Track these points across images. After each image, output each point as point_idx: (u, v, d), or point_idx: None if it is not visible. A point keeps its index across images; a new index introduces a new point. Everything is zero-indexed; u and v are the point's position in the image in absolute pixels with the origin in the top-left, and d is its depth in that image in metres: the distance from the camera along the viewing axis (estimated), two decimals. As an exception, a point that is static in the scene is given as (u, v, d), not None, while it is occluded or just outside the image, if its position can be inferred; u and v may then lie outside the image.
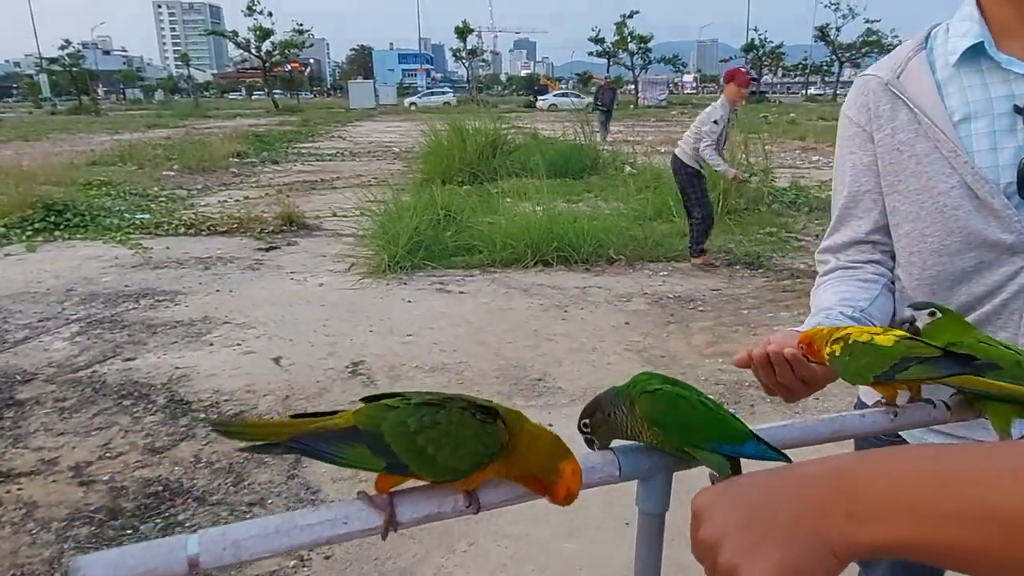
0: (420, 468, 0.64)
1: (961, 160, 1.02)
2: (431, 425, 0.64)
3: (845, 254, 1.18)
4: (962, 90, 1.04)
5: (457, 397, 0.67)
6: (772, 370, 0.95)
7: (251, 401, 3.66)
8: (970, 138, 1.03)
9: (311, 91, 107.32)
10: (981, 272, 1.05)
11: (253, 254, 6.86)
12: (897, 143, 1.09)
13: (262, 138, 19.76)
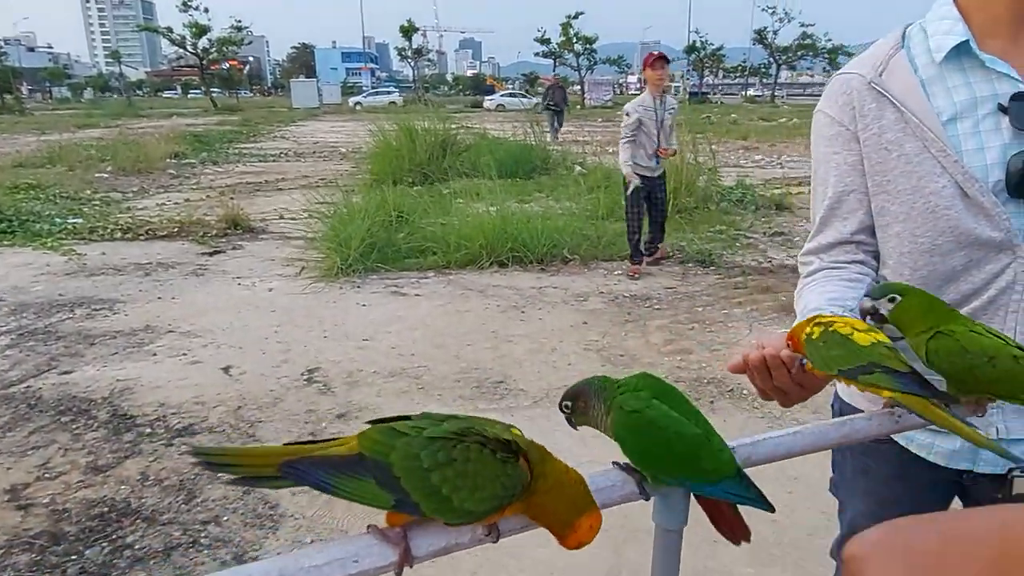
0: (433, 509, 0.58)
1: (951, 160, 1.02)
2: (446, 462, 0.58)
3: (829, 255, 1.16)
4: (947, 90, 1.04)
5: (473, 426, 0.61)
6: (768, 374, 0.92)
7: (200, 413, 3.51)
8: (958, 138, 1.03)
9: (251, 90, 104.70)
10: (970, 270, 1.05)
11: (196, 259, 6.61)
12: (885, 143, 1.07)
13: (201, 138, 19.16)
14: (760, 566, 2.39)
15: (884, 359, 0.80)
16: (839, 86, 1.14)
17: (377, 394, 3.71)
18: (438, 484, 0.57)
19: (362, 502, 0.59)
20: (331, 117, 35.79)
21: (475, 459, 0.58)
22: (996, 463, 1.13)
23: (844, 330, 0.83)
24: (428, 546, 0.59)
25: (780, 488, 2.82)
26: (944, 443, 1.16)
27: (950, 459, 1.16)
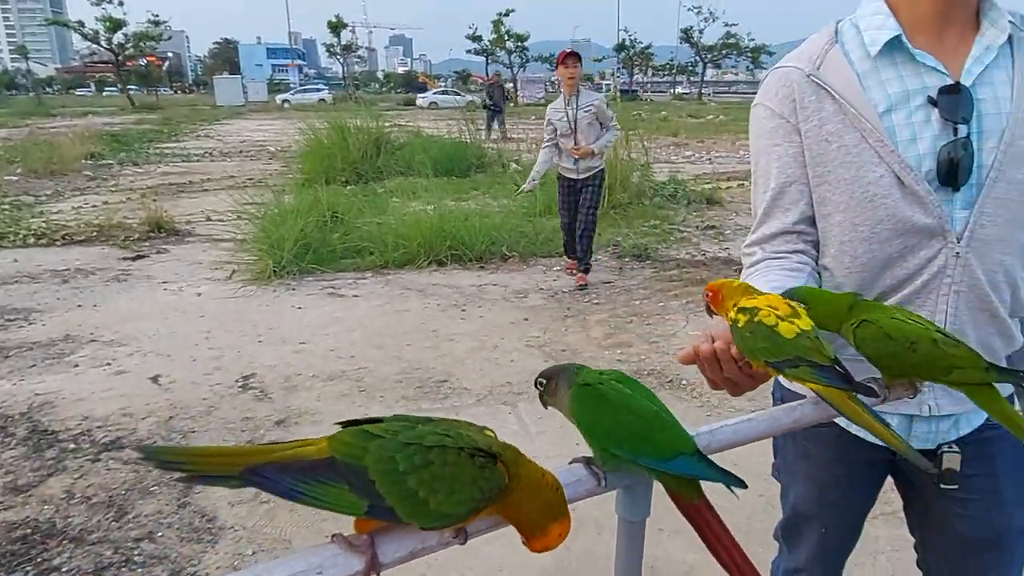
0: (409, 513, 0.56)
1: (888, 150, 1.06)
2: (424, 465, 0.56)
3: (771, 245, 1.19)
4: (881, 83, 1.08)
5: (449, 429, 0.59)
6: (719, 366, 0.93)
7: (129, 425, 3.35)
8: (893, 129, 1.07)
9: (171, 87, 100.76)
10: (905, 256, 1.10)
11: (118, 264, 6.31)
12: (825, 134, 1.11)
13: (119, 138, 18.33)
14: (703, 552, 2.42)
15: (808, 352, 0.81)
16: (778, 79, 1.16)
17: (317, 398, 3.62)
18: (415, 487, 0.55)
19: (333, 509, 0.56)
20: (258, 115, 34.78)
21: (453, 462, 0.57)
22: (926, 440, 1.19)
23: (769, 320, 0.83)
24: (395, 552, 0.57)
25: (721, 475, 2.89)
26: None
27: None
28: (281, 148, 16.03)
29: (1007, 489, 1.20)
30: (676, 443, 0.72)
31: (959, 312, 1.09)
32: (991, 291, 1.08)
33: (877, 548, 2.44)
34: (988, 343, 1.13)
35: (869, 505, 1.37)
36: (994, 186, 1.04)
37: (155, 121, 26.89)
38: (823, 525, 1.37)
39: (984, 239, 1.06)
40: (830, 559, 1.43)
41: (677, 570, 2.36)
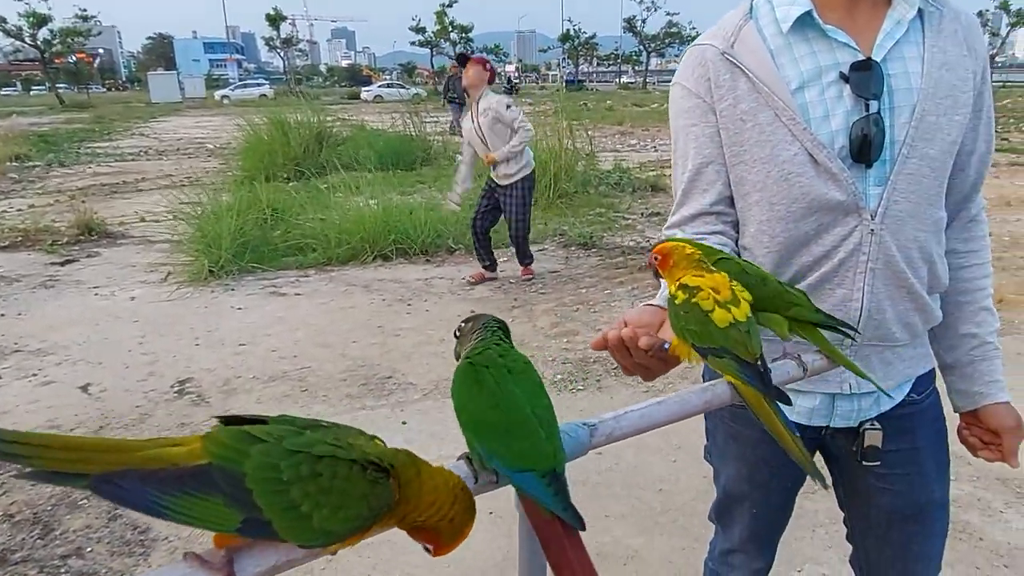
0: (288, 528, 0.50)
1: (800, 127, 1.05)
2: (311, 476, 0.50)
3: (691, 226, 1.17)
4: (794, 59, 1.07)
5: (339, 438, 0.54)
6: (628, 352, 0.91)
7: (56, 437, 3.19)
8: (805, 106, 1.06)
9: (104, 85, 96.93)
10: (821, 235, 1.09)
11: (45, 270, 6.02)
12: (740, 113, 1.09)
13: (47, 138, 17.53)
14: (648, 535, 2.45)
15: (735, 345, 0.81)
16: (693, 58, 1.14)
17: (257, 400, 3.52)
18: (299, 500, 0.50)
19: (203, 526, 0.50)
20: (195, 112, 33.76)
21: (343, 475, 0.52)
22: (848, 417, 1.20)
23: (706, 305, 0.82)
24: (255, 567, 0.52)
25: (665, 458, 2.91)
26: (804, 402, 1.21)
27: (811, 417, 1.21)
28: (220, 145, 15.58)
29: (927, 461, 1.22)
30: (530, 457, 0.65)
31: (876, 289, 1.09)
32: (907, 268, 1.09)
33: (816, 521, 2.49)
34: (907, 319, 1.13)
35: (799, 483, 1.37)
36: (906, 162, 1.04)
37: (86, 120, 25.84)
38: (754, 505, 1.37)
39: (898, 215, 1.06)
40: (762, 537, 1.43)
41: (624, 554, 2.36)
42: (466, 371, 0.71)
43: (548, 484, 0.65)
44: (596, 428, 0.75)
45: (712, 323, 0.81)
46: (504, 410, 0.67)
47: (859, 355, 1.14)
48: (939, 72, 1.04)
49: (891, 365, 1.16)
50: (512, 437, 0.66)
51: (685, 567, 2.29)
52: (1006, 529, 2.43)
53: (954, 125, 1.06)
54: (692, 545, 2.38)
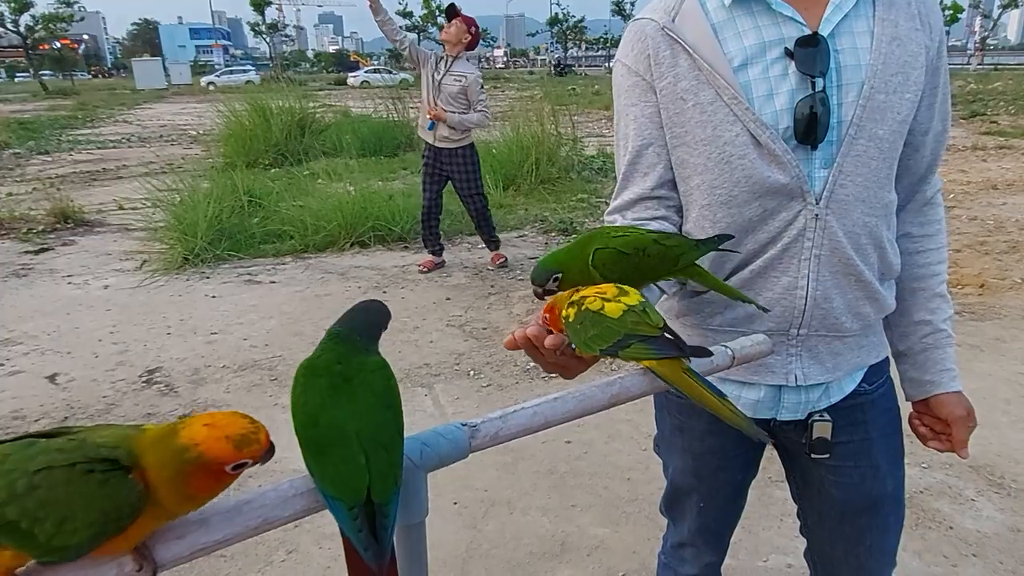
0: (21, 547, 0.47)
1: (743, 107, 1.00)
2: (27, 492, 0.47)
3: (632, 211, 1.13)
4: (738, 34, 1.02)
5: (75, 439, 0.50)
6: (538, 352, 0.86)
7: (20, 428, 3.15)
8: (749, 84, 1.01)
9: (89, 71, 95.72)
10: (765, 220, 1.05)
11: (18, 259, 5.94)
12: (680, 92, 1.04)
13: (27, 125, 17.30)
14: (614, 525, 2.44)
15: (636, 327, 0.78)
16: (634, 34, 1.09)
17: (226, 390, 3.49)
18: (16, 519, 0.46)
19: None
20: (181, 98, 33.37)
21: (62, 482, 0.47)
22: (796, 410, 1.15)
23: (595, 305, 0.80)
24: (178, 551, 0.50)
25: (636, 447, 2.90)
26: (749, 394, 1.17)
27: (756, 409, 1.17)
28: (203, 132, 15.40)
29: (879, 454, 1.18)
30: (339, 485, 0.60)
31: (821, 276, 1.04)
32: (855, 254, 1.04)
33: (784, 511, 2.46)
34: (857, 309, 1.09)
35: (749, 475, 1.34)
36: (854, 143, 1.00)
37: (70, 107, 25.47)
38: (701, 499, 1.34)
39: (844, 199, 1.01)
40: (712, 531, 1.40)
41: (588, 544, 2.35)
42: (298, 375, 0.65)
43: (355, 517, 0.60)
44: (477, 429, 0.70)
45: (606, 317, 0.78)
46: (321, 428, 0.61)
47: (806, 345, 1.10)
48: (889, 47, 1.00)
49: (840, 356, 1.12)
50: (325, 460, 0.61)
51: (650, 558, 2.26)
52: (976, 517, 2.41)
53: (904, 103, 1.01)
54: (657, 536, 2.32)
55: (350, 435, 0.61)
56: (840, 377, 1.13)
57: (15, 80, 72.97)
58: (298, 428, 0.63)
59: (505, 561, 2.27)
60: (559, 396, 0.74)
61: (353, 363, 0.66)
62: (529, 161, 8.03)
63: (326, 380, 0.64)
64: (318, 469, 0.61)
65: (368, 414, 0.63)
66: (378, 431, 0.63)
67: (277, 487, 0.60)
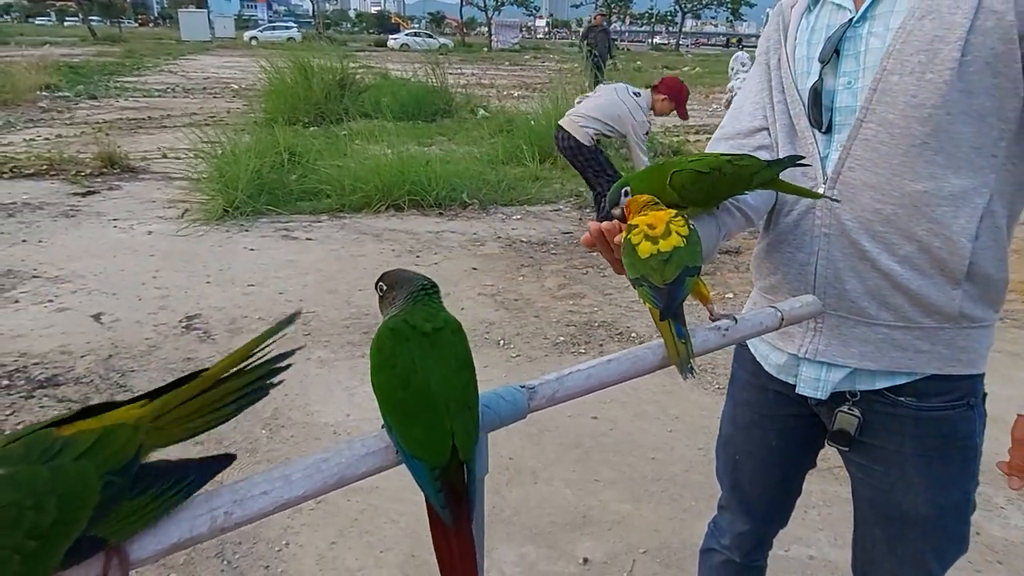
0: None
1: (788, 81, 1.11)
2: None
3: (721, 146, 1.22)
4: (813, 16, 1.11)
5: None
6: (609, 246, 0.94)
7: (67, 363, 3.28)
8: (799, 60, 1.11)
9: (136, 19, 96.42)
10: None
11: (67, 200, 6.11)
12: (768, 58, 1.17)
13: (78, 70, 17.56)
14: (636, 502, 2.48)
15: (650, 273, 0.83)
16: (776, 9, 1.20)
17: (262, 340, 3.58)
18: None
19: None
20: (224, 51, 33.54)
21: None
22: (814, 386, 1.15)
23: (635, 239, 0.86)
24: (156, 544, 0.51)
25: (662, 427, 2.93)
26: (774, 356, 1.22)
27: (779, 372, 1.22)
28: (245, 86, 15.53)
29: (915, 472, 1.12)
30: (425, 447, 0.62)
31: (832, 256, 1.08)
32: (868, 240, 1.04)
33: (809, 503, 2.47)
34: (884, 298, 1.06)
35: (784, 446, 1.31)
36: (862, 127, 1.01)
37: (117, 54, 25.77)
38: (736, 451, 1.37)
39: (851, 183, 1.03)
40: (744, 493, 1.40)
41: (610, 519, 2.39)
42: (384, 337, 0.66)
43: (436, 478, 0.62)
44: (535, 391, 0.72)
45: (636, 255, 0.86)
46: (412, 392, 0.63)
47: (828, 323, 1.11)
48: (917, 23, 0.95)
49: (871, 344, 1.09)
50: (413, 422, 0.63)
51: (671, 537, 2.30)
52: (1004, 526, 2.38)
53: (924, 85, 0.95)
54: (680, 516, 2.40)
55: (438, 397, 0.63)
56: (872, 368, 1.10)
57: (64, 24, 73.83)
58: (384, 390, 0.64)
59: (527, 528, 2.33)
60: (612, 358, 0.78)
61: (436, 323, 0.67)
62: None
63: (415, 343, 0.65)
64: (403, 431, 0.63)
65: (454, 376, 0.65)
66: (463, 392, 0.65)
67: (351, 445, 0.63)
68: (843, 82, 1.04)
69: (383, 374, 0.65)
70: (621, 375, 0.77)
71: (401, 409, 0.63)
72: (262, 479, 0.56)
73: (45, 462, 0.46)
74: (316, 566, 2.13)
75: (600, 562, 2.19)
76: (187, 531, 0.51)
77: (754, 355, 1.28)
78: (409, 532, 2.28)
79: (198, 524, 0.52)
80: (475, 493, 0.65)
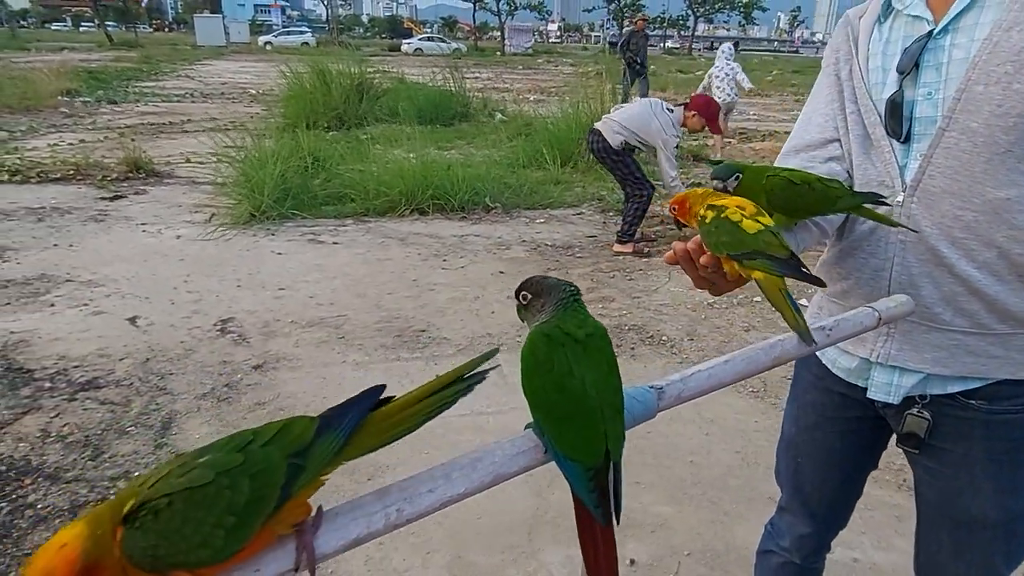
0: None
1: (862, 91, 1.11)
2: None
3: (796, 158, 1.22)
4: (887, 28, 1.12)
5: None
6: (693, 264, 0.97)
7: (106, 366, 3.33)
8: (873, 72, 1.12)
9: (151, 25, 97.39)
10: None
11: (96, 204, 6.18)
12: (838, 70, 1.17)
13: (96, 75, 17.77)
14: (677, 505, 2.49)
15: (768, 247, 0.87)
16: (843, 20, 1.22)
17: (295, 344, 3.62)
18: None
19: None
20: (239, 56, 33.83)
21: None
22: (887, 391, 1.17)
23: (734, 217, 0.89)
24: (338, 540, 0.54)
25: (698, 430, 2.94)
26: (844, 360, 1.24)
27: (848, 375, 1.23)
28: (263, 91, 15.65)
29: (984, 477, 1.13)
30: (580, 450, 0.65)
31: (907, 263, 1.08)
32: (948, 247, 1.05)
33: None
34: (959, 304, 1.07)
35: (848, 448, 1.32)
36: (944, 135, 1.02)
37: (134, 59, 26.07)
38: (799, 453, 1.38)
39: (931, 190, 1.04)
40: (805, 496, 1.41)
41: (652, 521, 2.40)
42: (538, 343, 0.67)
43: (590, 479, 0.64)
44: (663, 391, 0.75)
45: (742, 231, 0.88)
46: (568, 395, 0.65)
47: (901, 329, 1.12)
48: (1004, 35, 0.96)
49: (944, 350, 1.10)
50: (569, 425, 0.64)
51: (714, 540, 2.31)
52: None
53: (1010, 95, 0.96)
54: (722, 519, 2.41)
55: (593, 401, 0.65)
56: (944, 373, 1.11)
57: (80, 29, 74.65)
58: (538, 394, 0.66)
59: (571, 529, 2.32)
60: (728, 359, 0.80)
61: (588, 329, 0.68)
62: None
63: (569, 348, 0.66)
64: (557, 433, 0.65)
65: (605, 380, 0.67)
66: (614, 396, 0.67)
67: (502, 446, 0.65)
68: (923, 93, 1.04)
69: (538, 378, 0.66)
70: (737, 375, 0.80)
71: (556, 412, 0.65)
72: (427, 477, 0.59)
73: (239, 450, 0.52)
74: (364, 567, 2.15)
75: (646, 564, 2.19)
76: (364, 528, 0.54)
77: (820, 358, 1.29)
78: (454, 534, 2.30)
79: (374, 521, 0.55)
80: (620, 493, 0.67)
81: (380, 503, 0.55)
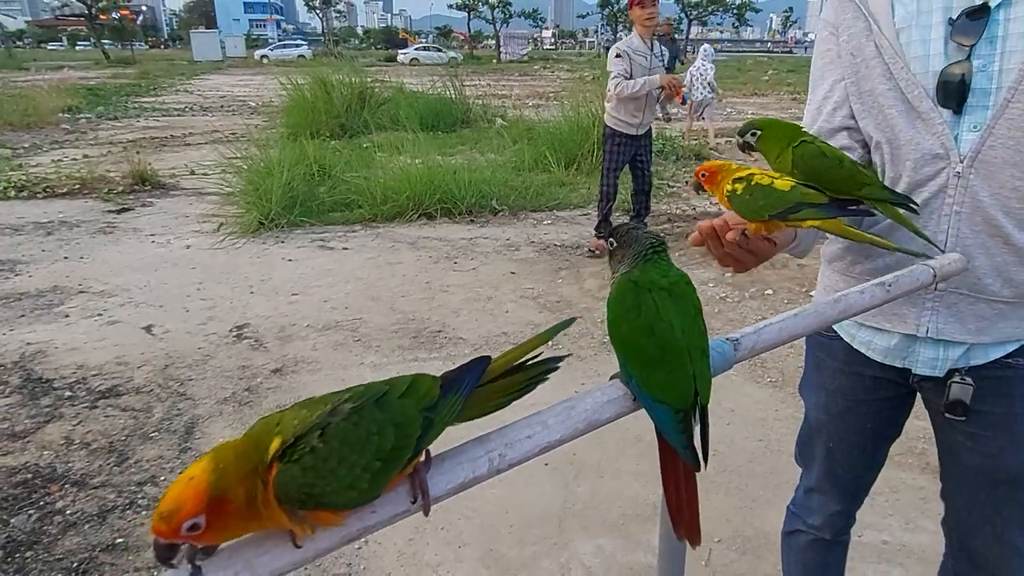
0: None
1: (899, 66, 1.08)
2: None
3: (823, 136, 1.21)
4: (905, 1, 1.09)
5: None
6: (719, 241, 0.98)
7: (125, 374, 3.33)
8: (909, 45, 1.08)
9: (146, 42, 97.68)
10: (911, 172, 1.11)
11: (103, 216, 6.20)
12: (852, 48, 1.14)
13: (96, 91, 17.84)
14: (704, 493, 2.43)
15: (807, 197, 0.91)
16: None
17: (313, 347, 3.62)
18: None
19: None
20: (237, 70, 33.94)
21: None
22: (933, 365, 1.18)
23: (764, 181, 0.92)
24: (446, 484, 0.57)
25: (718, 420, 2.94)
26: (880, 340, 1.23)
27: (886, 355, 1.23)
28: (262, 103, 15.70)
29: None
30: (670, 392, 0.66)
31: (962, 234, 1.08)
32: (1004, 216, 1.06)
33: (876, 490, 2.42)
34: (1009, 274, 1.09)
35: (879, 426, 1.35)
36: (1008, 107, 1.02)
37: (132, 76, 26.16)
38: (830, 439, 1.39)
39: (991, 161, 1.04)
40: (838, 478, 1.43)
41: (740, 459, 2.48)
42: (626, 289, 0.69)
43: (679, 421, 0.66)
44: (739, 342, 0.77)
45: (778, 190, 0.91)
46: (657, 339, 0.66)
47: (945, 301, 1.13)
48: None
49: (987, 320, 1.12)
50: (658, 368, 0.65)
51: (743, 525, 2.31)
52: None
53: None
54: (749, 505, 2.41)
55: (681, 344, 0.66)
56: (986, 342, 1.13)
57: (76, 48, 74.97)
58: (627, 340, 0.68)
59: (600, 520, 2.34)
60: (798, 312, 0.82)
61: (671, 278, 0.70)
62: (589, 141, 8.02)
63: (657, 294, 0.67)
64: (646, 377, 0.66)
65: (692, 323, 0.68)
66: (701, 339, 0.68)
67: (592, 394, 0.66)
68: (977, 64, 1.03)
69: (626, 324, 0.68)
70: (807, 327, 0.81)
71: (645, 356, 0.66)
72: (525, 424, 0.59)
73: (375, 401, 0.54)
74: (397, 562, 2.15)
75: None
76: (470, 472, 0.56)
77: (849, 343, 1.29)
78: (485, 527, 2.30)
79: (479, 465, 0.56)
80: (708, 436, 0.67)
81: (483, 448, 0.57)
